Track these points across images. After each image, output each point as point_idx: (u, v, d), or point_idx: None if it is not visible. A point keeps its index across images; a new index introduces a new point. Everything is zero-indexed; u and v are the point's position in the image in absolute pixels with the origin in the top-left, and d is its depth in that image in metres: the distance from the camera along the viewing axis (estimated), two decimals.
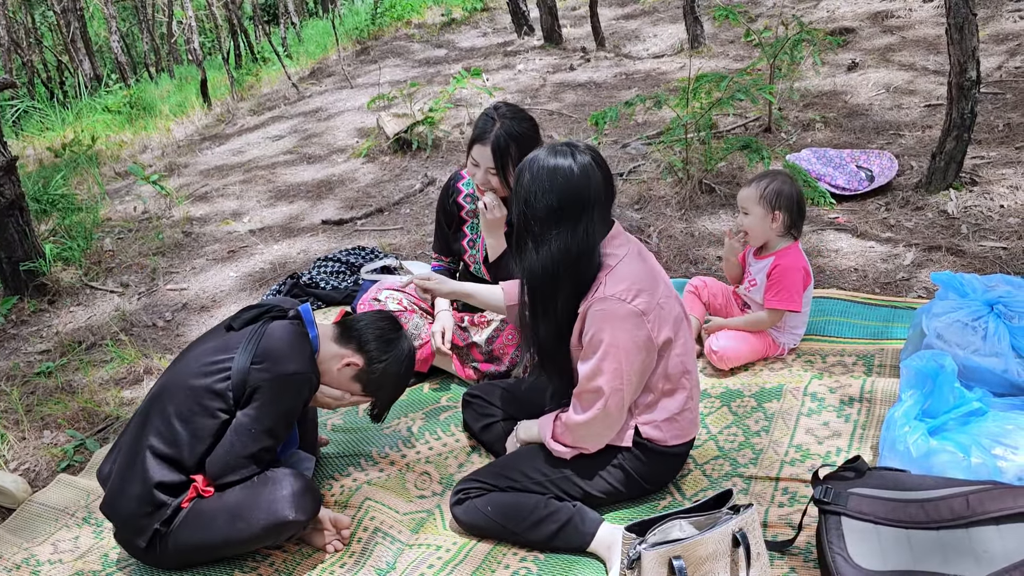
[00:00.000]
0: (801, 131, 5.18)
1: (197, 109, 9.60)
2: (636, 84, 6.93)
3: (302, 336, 2.33)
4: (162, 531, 2.23)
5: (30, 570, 2.47)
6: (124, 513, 2.27)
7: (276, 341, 2.27)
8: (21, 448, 3.15)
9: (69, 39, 15.18)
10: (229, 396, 2.23)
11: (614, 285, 2.11)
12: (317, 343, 2.37)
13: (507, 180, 2.83)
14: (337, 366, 2.39)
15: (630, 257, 2.17)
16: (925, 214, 3.91)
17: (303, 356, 2.29)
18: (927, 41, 6.41)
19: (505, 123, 2.79)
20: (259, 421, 2.22)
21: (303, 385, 2.29)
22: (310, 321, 2.39)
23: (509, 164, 2.80)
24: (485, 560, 2.26)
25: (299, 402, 2.32)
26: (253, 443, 2.22)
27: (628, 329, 2.10)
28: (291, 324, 2.35)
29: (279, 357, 2.25)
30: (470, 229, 3.13)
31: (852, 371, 2.88)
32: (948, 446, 2.17)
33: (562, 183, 2.08)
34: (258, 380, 2.22)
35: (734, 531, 1.93)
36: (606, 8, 9.74)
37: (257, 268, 4.60)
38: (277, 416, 2.25)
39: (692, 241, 4.06)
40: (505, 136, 2.77)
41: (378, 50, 10.17)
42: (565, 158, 2.09)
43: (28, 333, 4.11)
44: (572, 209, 2.09)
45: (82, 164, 7.20)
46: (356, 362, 2.38)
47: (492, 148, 2.78)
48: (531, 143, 2.79)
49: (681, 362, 2.24)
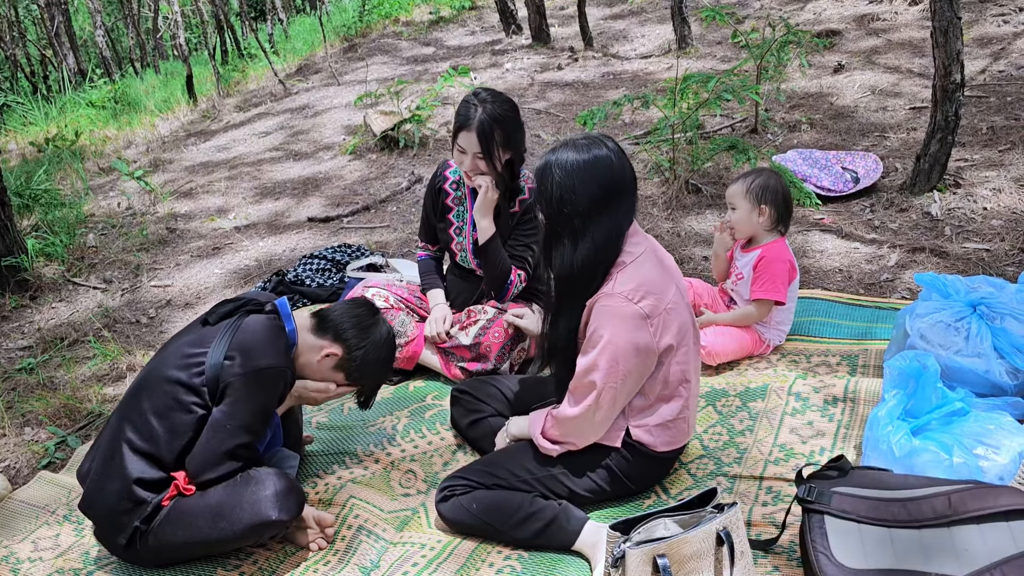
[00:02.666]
0: (787, 132, 5.20)
1: (183, 105, 9.54)
2: (623, 84, 6.94)
3: (277, 330, 2.32)
4: (142, 528, 2.21)
5: (9, 568, 2.44)
6: (103, 510, 2.25)
7: (250, 336, 2.26)
8: (1, 445, 3.12)
9: (53, 33, 15.04)
10: (204, 392, 2.21)
11: (623, 283, 2.11)
12: (295, 336, 2.36)
13: (494, 163, 2.88)
14: (317, 358, 2.37)
15: (645, 257, 2.17)
16: (909, 216, 3.93)
17: (277, 350, 2.28)
18: (912, 44, 6.46)
19: (487, 107, 2.83)
20: (233, 417, 2.20)
21: (277, 379, 2.27)
22: (287, 314, 2.37)
23: (495, 147, 2.86)
24: (470, 558, 2.26)
25: (274, 397, 2.30)
26: (229, 439, 2.20)
27: (630, 329, 2.10)
28: (267, 318, 2.33)
29: (252, 352, 2.23)
30: (456, 217, 3.14)
31: (836, 371, 2.89)
32: (931, 446, 2.18)
33: (604, 172, 2.09)
34: (231, 376, 2.20)
35: (718, 530, 1.93)
36: (594, 8, 9.74)
37: (242, 265, 4.58)
38: (252, 412, 2.23)
39: (678, 241, 4.07)
40: (489, 120, 2.82)
41: (365, 47, 10.13)
42: (599, 149, 2.11)
43: (9, 329, 4.06)
44: (614, 197, 2.11)
45: (65, 159, 7.14)
46: (335, 352, 2.37)
47: (477, 133, 2.82)
48: (513, 125, 2.89)
49: (681, 370, 2.24)
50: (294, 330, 2.36)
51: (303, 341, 2.37)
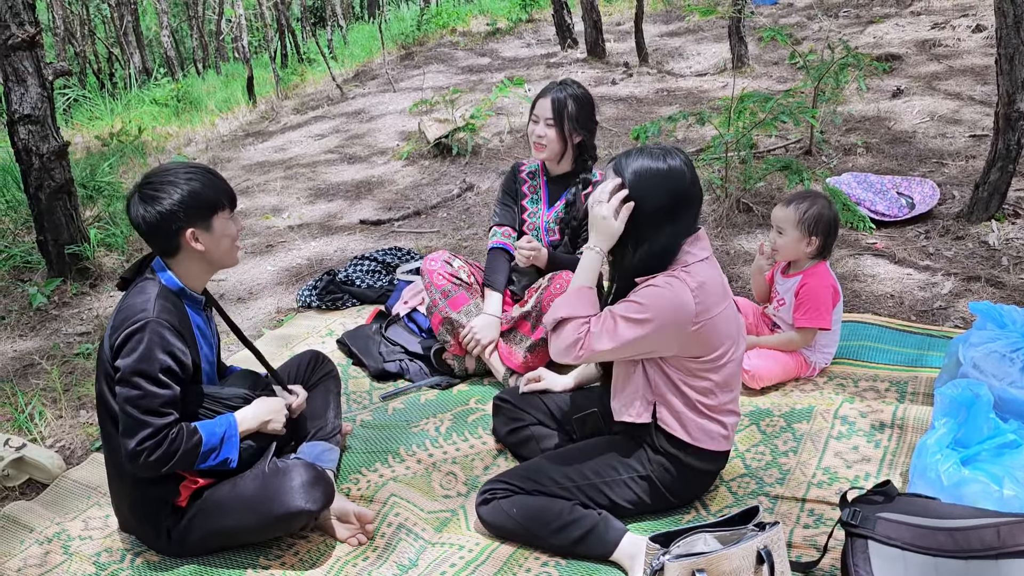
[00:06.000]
0: (842, 155, 5.15)
1: (242, 106, 9.76)
2: (677, 101, 6.93)
3: (140, 287, 2.24)
4: (173, 526, 2.31)
5: (61, 544, 2.52)
6: (134, 527, 2.40)
7: (119, 309, 2.23)
8: (58, 426, 3.22)
9: (121, 32, 15.50)
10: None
11: (685, 276, 2.14)
12: (174, 280, 2.27)
13: (564, 134, 3.10)
14: (194, 245, 2.24)
15: (709, 263, 2.20)
16: (965, 244, 3.86)
17: (133, 304, 2.19)
18: (975, 70, 6.35)
19: (567, 87, 3.11)
20: (125, 381, 2.15)
21: (140, 328, 2.15)
22: (159, 267, 2.29)
23: (565, 118, 3.08)
24: (507, 562, 2.27)
25: (154, 345, 2.15)
26: (128, 399, 2.15)
27: (678, 303, 2.10)
28: (138, 285, 2.26)
29: (116, 320, 2.20)
30: (530, 203, 3.33)
31: (884, 397, 2.86)
32: (980, 476, 2.14)
33: (675, 185, 2.14)
34: (109, 351, 2.20)
35: (759, 548, 1.93)
36: (651, 25, 9.76)
37: (294, 263, 4.67)
38: (134, 364, 2.14)
39: (727, 259, 4.05)
40: (566, 94, 3.08)
41: (422, 56, 10.27)
42: (674, 159, 2.15)
43: (69, 315, 4.20)
44: (680, 209, 2.15)
45: (128, 154, 7.35)
46: (186, 227, 2.21)
47: (552, 100, 3.07)
48: (588, 108, 3.13)
49: (731, 374, 2.25)
50: (171, 276, 2.28)
51: (173, 267, 2.28)
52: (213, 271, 2.38)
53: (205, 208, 2.23)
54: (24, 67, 4.05)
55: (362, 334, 3.53)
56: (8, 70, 4.05)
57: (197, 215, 2.21)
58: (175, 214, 2.18)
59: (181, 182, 2.20)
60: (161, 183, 2.20)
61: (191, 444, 2.19)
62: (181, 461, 2.19)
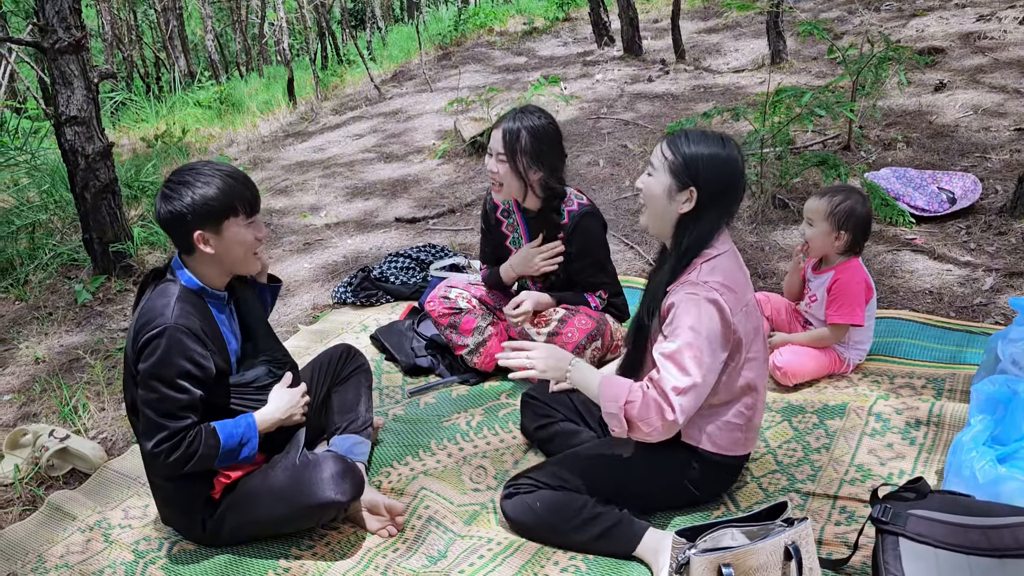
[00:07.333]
0: (881, 150, 5.06)
1: (283, 107, 9.91)
2: (714, 97, 6.88)
3: (162, 289, 2.25)
4: (209, 517, 2.37)
5: (102, 532, 2.60)
6: (172, 520, 2.46)
7: (139, 312, 2.23)
8: (100, 418, 3.32)
9: (167, 36, 15.82)
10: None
11: (708, 273, 2.13)
12: (193, 280, 2.28)
13: (517, 169, 2.84)
14: (208, 250, 2.23)
15: (729, 255, 2.19)
16: (1008, 239, 3.78)
17: (153, 308, 2.20)
18: (1020, 63, 6.19)
19: (524, 116, 2.84)
20: (144, 384, 2.18)
21: (157, 336, 2.16)
22: (177, 265, 2.30)
23: (518, 152, 2.81)
24: (536, 555, 2.28)
25: (172, 351, 2.15)
26: (146, 401, 2.18)
27: (712, 313, 2.09)
28: (159, 286, 2.27)
29: (136, 326, 2.21)
30: (512, 243, 3.17)
31: (921, 394, 2.81)
32: (1017, 474, 2.10)
33: (731, 172, 2.15)
34: (131, 356, 2.22)
35: (787, 543, 1.91)
36: (688, 21, 9.68)
37: (331, 260, 4.73)
38: (152, 369, 2.16)
39: (762, 256, 4.01)
40: (519, 126, 2.81)
41: (459, 56, 10.32)
42: (732, 149, 2.16)
43: (113, 311, 4.31)
44: (728, 196, 2.17)
45: (172, 155, 7.51)
46: (201, 232, 2.21)
47: (503, 131, 2.82)
48: (548, 140, 2.84)
49: (753, 376, 2.23)
50: (190, 276, 2.28)
51: (191, 264, 2.28)
52: (229, 274, 2.37)
53: (214, 213, 2.20)
54: (71, 70, 4.17)
55: (395, 330, 3.57)
56: (56, 73, 4.17)
57: (206, 219, 2.19)
58: (184, 215, 2.18)
59: (198, 184, 2.19)
60: (179, 182, 2.21)
61: (209, 447, 2.22)
62: (200, 463, 2.23)
